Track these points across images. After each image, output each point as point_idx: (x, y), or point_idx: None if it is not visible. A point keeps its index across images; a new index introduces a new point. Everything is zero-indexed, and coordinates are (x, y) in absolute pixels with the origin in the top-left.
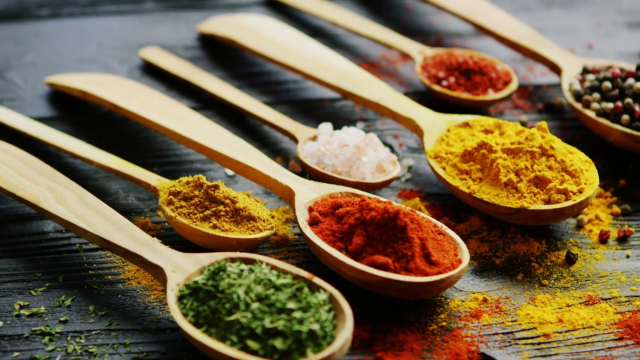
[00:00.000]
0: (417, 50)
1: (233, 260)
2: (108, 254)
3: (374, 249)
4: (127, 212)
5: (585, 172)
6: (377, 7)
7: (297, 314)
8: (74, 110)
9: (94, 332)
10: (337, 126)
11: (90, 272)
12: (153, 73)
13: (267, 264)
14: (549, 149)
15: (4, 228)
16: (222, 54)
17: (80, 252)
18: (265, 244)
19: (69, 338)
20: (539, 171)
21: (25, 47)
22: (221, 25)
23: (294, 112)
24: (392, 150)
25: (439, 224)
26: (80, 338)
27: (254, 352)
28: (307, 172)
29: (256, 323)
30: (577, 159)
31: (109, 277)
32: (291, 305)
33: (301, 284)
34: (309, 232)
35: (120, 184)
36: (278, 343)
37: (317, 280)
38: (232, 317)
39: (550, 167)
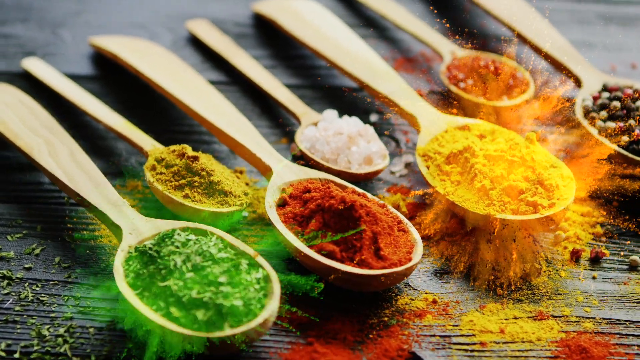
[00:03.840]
0: (449, 50)
1: (186, 229)
2: None
3: (327, 236)
4: (123, 174)
5: (562, 187)
6: (438, 4)
7: (225, 288)
8: (109, 71)
9: (51, 282)
10: (352, 115)
11: (68, 225)
12: (195, 44)
13: (218, 237)
14: (529, 160)
15: (5, 174)
16: (268, 34)
17: (66, 206)
18: (240, 220)
19: (26, 284)
20: (514, 181)
21: (84, 7)
22: (270, 5)
23: (317, 97)
24: (398, 144)
25: (406, 221)
26: (37, 286)
27: (175, 320)
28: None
29: (184, 292)
30: (558, 174)
31: (85, 232)
32: (222, 279)
33: (239, 261)
34: (271, 213)
35: (126, 146)
36: (199, 314)
37: (260, 260)
38: (164, 283)
39: (526, 179)
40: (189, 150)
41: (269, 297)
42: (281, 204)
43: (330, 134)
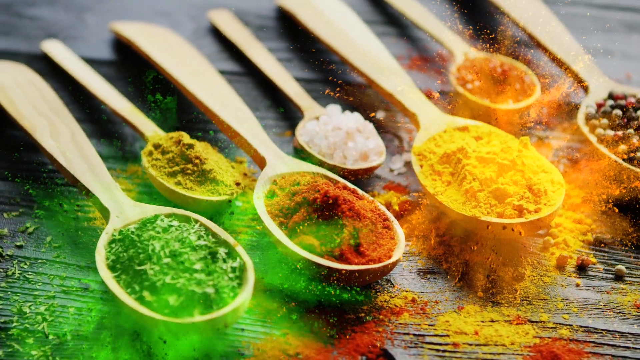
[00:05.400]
0: (461, 51)
1: (171, 215)
2: None
3: (308, 230)
4: (125, 158)
5: (550, 193)
6: (460, 5)
7: (199, 275)
8: (127, 57)
9: (39, 261)
10: (361, 112)
11: (65, 206)
12: (215, 34)
13: (202, 224)
14: (520, 164)
15: (12, 153)
16: (288, 27)
17: (64, 187)
18: (235, 209)
19: (15, 262)
20: (502, 184)
21: None
22: None
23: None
24: (401, 142)
25: (392, 219)
26: (25, 264)
27: (147, 304)
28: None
29: (159, 277)
30: (548, 179)
31: (80, 213)
32: (197, 266)
33: (217, 249)
34: (258, 204)
35: (133, 131)
36: (171, 299)
37: (239, 249)
38: (141, 267)
39: (515, 182)
40: (185, 137)
41: (243, 287)
42: (271, 196)
43: (329, 128)
